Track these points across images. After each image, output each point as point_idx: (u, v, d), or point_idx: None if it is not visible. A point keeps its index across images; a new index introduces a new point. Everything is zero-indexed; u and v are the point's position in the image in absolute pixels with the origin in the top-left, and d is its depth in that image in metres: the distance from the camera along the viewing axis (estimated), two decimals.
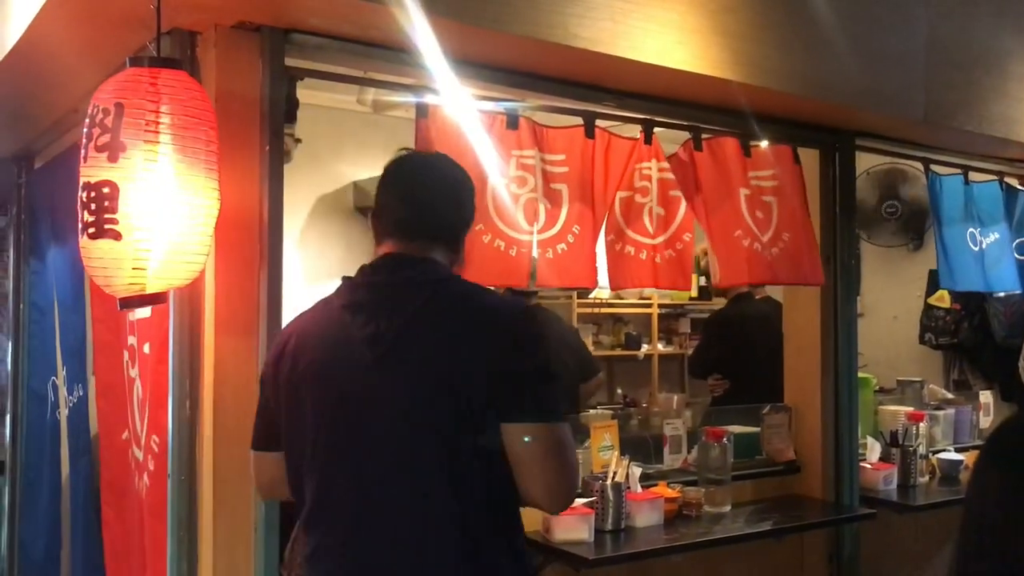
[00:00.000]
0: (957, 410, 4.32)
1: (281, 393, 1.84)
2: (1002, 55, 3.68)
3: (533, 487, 1.71)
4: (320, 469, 1.78)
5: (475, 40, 2.47)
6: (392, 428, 1.72)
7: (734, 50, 2.84)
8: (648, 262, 3.07)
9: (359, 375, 1.73)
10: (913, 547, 3.79)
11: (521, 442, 1.68)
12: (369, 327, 1.74)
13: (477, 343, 1.71)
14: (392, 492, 1.72)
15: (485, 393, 1.67)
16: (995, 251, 3.95)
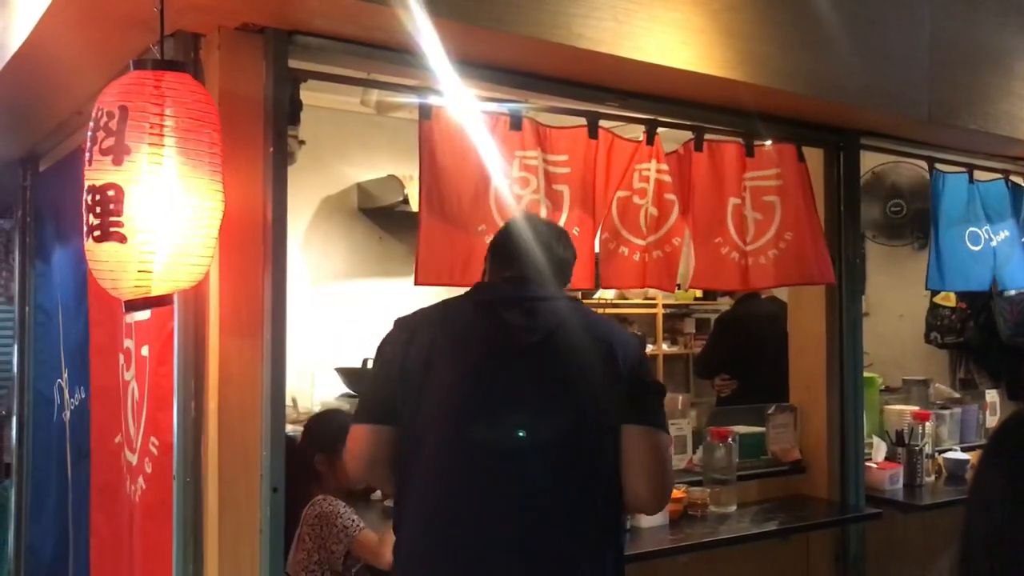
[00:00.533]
0: (963, 409, 4.31)
1: (409, 372, 2.02)
2: (1006, 53, 3.67)
3: (641, 485, 2.00)
4: (447, 446, 2.00)
5: (478, 41, 2.47)
6: (534, 419, 1.98)
7: (738, 50, 2.83)
8: (638, 263, 3.08)
9: (505, 361, 2.03)
10: (919, 547, 3.78)
11: (637, 444, 2.00)
12: (519, 320, 2.04)
13: (610, 359, 2.03)
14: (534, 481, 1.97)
15: (612, 401, 2.01)
16: (1005, 249, 3.93)
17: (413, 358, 2.03)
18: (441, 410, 2.00)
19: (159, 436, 2.47)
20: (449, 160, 2.69)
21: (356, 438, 2.08)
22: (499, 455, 1.97)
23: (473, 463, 1.98)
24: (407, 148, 2.96)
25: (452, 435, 2.00)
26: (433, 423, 2.00)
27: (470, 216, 2.72)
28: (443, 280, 2.68)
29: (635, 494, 2.02)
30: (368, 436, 2.07)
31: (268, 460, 2.31)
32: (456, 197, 2.70)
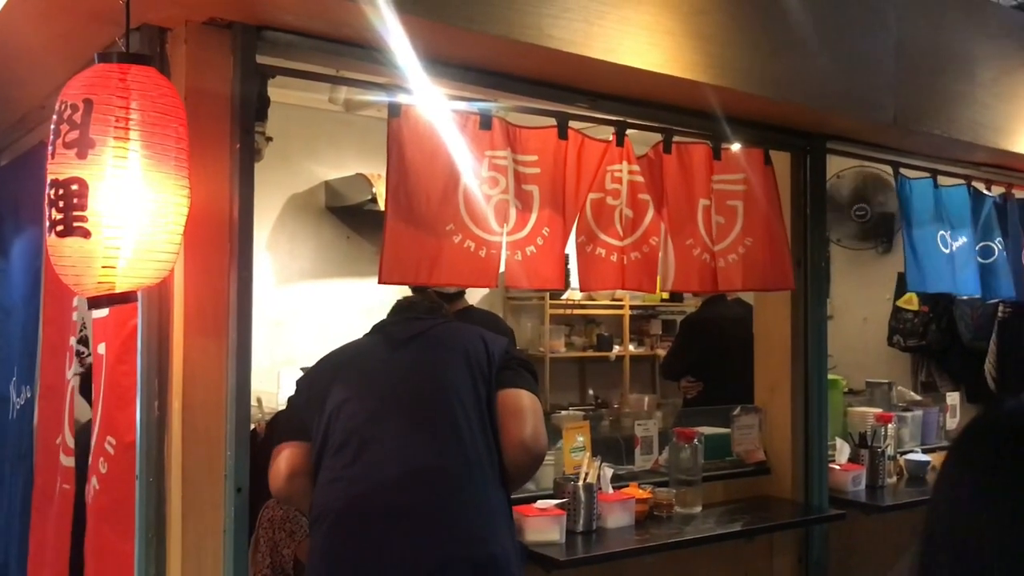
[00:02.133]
0: (924, 412, 4.37)
1: (316, 391, 2.44)
2: (970, 61, 3.72)
3: (515, 430, 2.34)
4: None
5: (448, 39, 2.46)
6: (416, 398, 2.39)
7: (707, 52, 2.84)
8: (617, 264, 3.08)
9: (386, 356, 2.47)
10: (881, 547, 3.82)
11: (510, 400, 2.38)
12: (397, 328, 2.56)
13: (482, 348, 2.47)
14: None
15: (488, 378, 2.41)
16: (962, 255, 3.99)
17: (318, 381, 2.44)
18: (344, 409, 2.34)
19: (117, 436, 2.43)
20: (418, 159, 2.67)
21: (277, 456, 2.39)
22: (394, 427, 2.32)
23: (373, 437, 2.30)
24: (376, 146, 2.94)
25: (348, 426, 2.32)
26: (337, 422, 2.33)
27: (438, 215, 2.70)
28: (408, 279, 2.68)
29: (507, 445, 2.33)
30: (288, 451, 2.38)
31: (233, 460, 2.28)
32: (424, 196, 2.68)
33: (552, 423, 3.55)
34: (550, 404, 6.23)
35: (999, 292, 4.15)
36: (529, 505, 2.88)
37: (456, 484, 2.26)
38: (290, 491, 2.40)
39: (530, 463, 2.41)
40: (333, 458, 2.30)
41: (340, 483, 2.28)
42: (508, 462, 2.35)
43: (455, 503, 2.25)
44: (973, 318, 4.95)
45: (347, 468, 2.28)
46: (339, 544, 2.25)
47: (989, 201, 4.13)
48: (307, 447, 2.37)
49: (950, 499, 0.96)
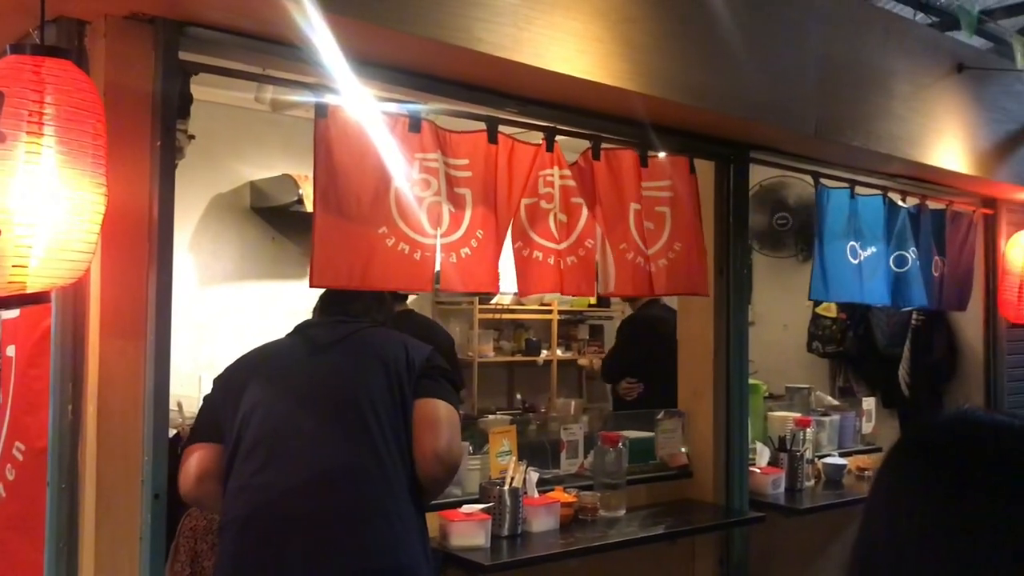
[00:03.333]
0: (842, 416, 4.49)
1: (231, 392, 2.36)
2: (887, 74, 3.83)
3: (428, 441, 2.28)
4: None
5: (377, 40, 2.44)
6: (334, 403, 2.33)
7: (634, 61, 2.87)
8: (554, 267, 3.09)
9: (304, 360, 2.41)
10: (799, 549, 3.91)
11: (425, 410, 2.32)
12: (318, 332, 2.47)
13: (404, 356, 2.41)
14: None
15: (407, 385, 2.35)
16: (872, 264, 4.09)
17: (234, 382, 2.36)
18: (259, 404, 2.29)
19: (27, 441, 2.35)
20: (346, 160, 2.63)
21: (187, 458, 2.32)
22: (306, 433, 2.27)
23: (283, 442, 2.25)
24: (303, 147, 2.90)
25: (259, 432, 2.26)
26: (249, 426, 2.27)
27: (369, 218, 2.67)
28: (340, 282, 2.63)
29: (421, 455, 2.29)
30: (200, 452, 2.31)
31: (150, 465, 2.22)
32: (355, 198, 2.65)
33: (479, 428, 3.55)
34: (478, 408, 6.23)
35: (912, 301, 4.28)
36: (455, 510, 2.87)
37: (365, 493, 2.22)
38: (199, 494, 2.33)
39: (443, 475, 2.34)
40: (243, 463, 2.25)
41: (248, 490, 2.22)
42: (421, 473, 2.31)
43: (363, 512, 2.20)
44: (888, 325, 5.10)
45: (256, 475, 2.22)
46: (245, 552, 2.20)
47: (904, 212, 4.26)
48: (219, 449, 2.31)
49: (884, 508, 0.96)
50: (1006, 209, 4.91)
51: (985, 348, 4.90)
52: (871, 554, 0.94)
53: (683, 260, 3.38)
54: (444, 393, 2.39)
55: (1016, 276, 4.78)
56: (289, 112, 4.80)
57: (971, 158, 4.24)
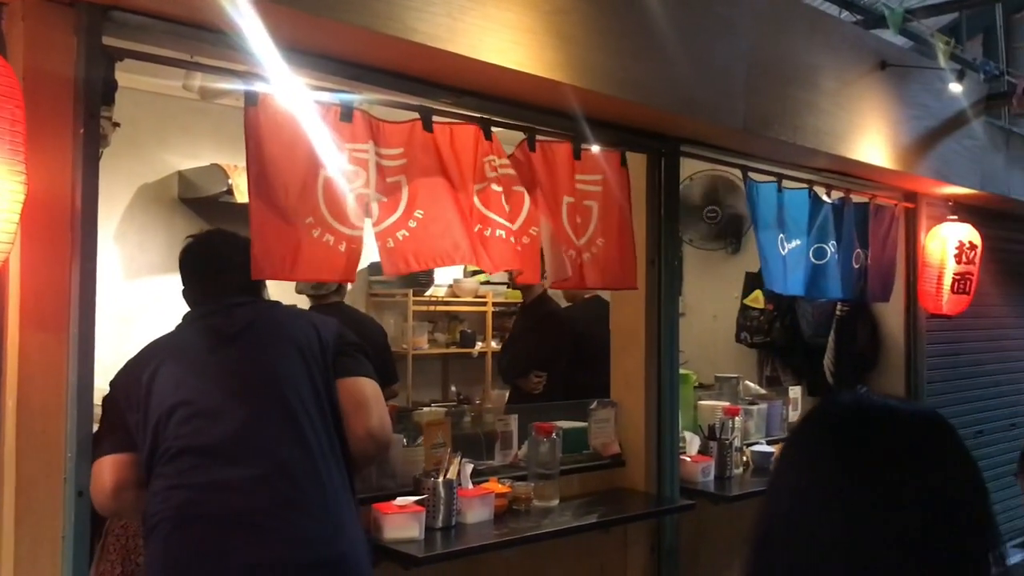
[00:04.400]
0: (769, 405, 4.58)
1: (135, 398, 2.26)
2: (813, 70, 3.92)
3: (359, 422, 2.29)
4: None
5: (308, 28, 2.41)
6: (249, 399, 2.25)
7: (568, 53, 2.88)
8: (514, 246, 3.11)
9: (211, 356, 2.29)
10: (729, 535, 3.98)
11: (350, 390, 2.31)
12: (219, 322, 2.34)
13: (314, 335, 2.37)
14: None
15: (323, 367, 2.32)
16: (795, 257, 4.19)
17: (136, 385, 2.25)
18: (177, 413, 2.19)
19: None
20: (276, 149, 2.60)
21: (99, 471, 2.20)
22: (231, 430, 2.19)
23: (210, 443, 2.18)
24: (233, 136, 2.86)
25: (182, 432, 2.18)
26: (167, 429, 2.18)
27: (297, 208, 2.63)
28: (276, 274, 2.60)
29: (353, 435, 2.29)
30: (109, 465, 2.20)
31: (74, 462, 2.17)
32: (283, 188, 2.62)
33: (413, 420, 3.53)
34: (412, 401, 6.20)
35: (828, 292, 4.40)
36: (388, 503, 2.86)
37: (300, 484, 2.18)
38: (118, 506, 2.25)
39: (377, 451, 2.39)
40: (168, 466, 2.17)
41: (178, 490, 2.15)
42: (355, 452, 2.31)
43: (300, 504, 2.17)
44: (813, 316, 5.21)
45: (184, 475, 2.16)
46: (179, 552, 2.14)
47: (827, 205, 4.36)
48: (133, 458, 2.21)
49: (787, 484, 1.03)
50: (926, 203, 5.06)
51: (906, 338, 5.05)
52: (772, 525, 1.02)
53: (607, 254, 3.41)
54: (365, 369, 2.37)
55: (935, 268, 4.94)
56: (219, 100, 4.71)
57: (893, 153, 4.36)
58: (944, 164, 4.72)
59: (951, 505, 0.97)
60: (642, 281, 3.65)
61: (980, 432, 5.38)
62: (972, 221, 5.07)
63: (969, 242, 4.97)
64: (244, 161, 2.59)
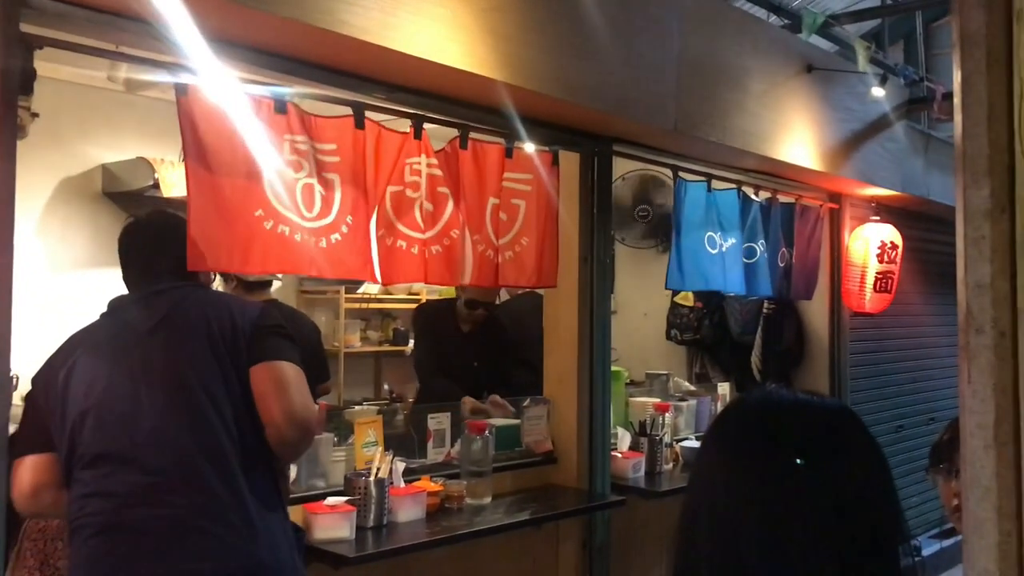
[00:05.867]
0: (698, 401, 4.64)
1: (53, 396, 2.17)
2: (742, 72, 3.98)
3: (273, 409, 2.16)
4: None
5: (237, 19, 2.37)
6: (168, 392, 2.15)
7: (501, 51, 2.88)
8: (419, 257, 3.07)
9: (128, 350, 2.18)
10: (659, 530, 4.03)
11: (262, 375, 2.18)
12: (134, 313, 2.23)
13: (231, 322, 2.24)
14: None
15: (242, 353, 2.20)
16: (732, 255, 4.28)
17: (54, 383, 2.17)
18: (90, 416, 2.13)
19: None
20: (214, 141, 2.56)
21: (17, 472, 2.15)
22: (143, 435, 2.11)
23: (124, 449, 2.11)
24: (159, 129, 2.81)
25: (96, 437, 2.12)
26: (83, 433, 2.12)
27: (244, 200, 2.60)
28: (221, 265, 2.57)
29: (271, 422, 2.17)
30: (29, 466, 2.15)
31: None
32: (227, 180, 2.58)
33: (345, 418, 3.50)
34: (344, 399, 6.14)
35: (758, 291, 4.50)
36: (318, 503, 2.82)
37: (217, 488, 2.10)
38: (38, 507, 2.19)
39: (298, 437, 2.23)
40: (84, 471, 2.11)
41: (94, 498, 2.09)
42: (275, 440, 2.18)
43: (217, 509, 2.09)
44: (741, 314, 5.31)
45: (99, 482, 2.09)
46: (100, 557, 2.08)
47: (756, 205, 4.44)
48: (52, 458, 2.15)
49: (706, 476, 1.07)
50: (849, 204, 5.20)
51: (830, 335, 5.18)
52: (694, 520, 1.04)
53: (531, 252, 3.42)
54: (283, 352, 2.23)
55: (858, 267, 5.07)
56: (145, 92, 4.59)
57: (818, 154, 4.46)
58: (867, 166, 4.85)
59: (863, 489, 1.01)
60: (574, 279, 3.67)
61: (900, 426, 5.55)
62: (893, 221, 5.22)
63: (891, 242, 5.12)
64: (171, 155, 2.54)
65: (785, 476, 1.00)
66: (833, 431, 1.04)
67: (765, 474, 1.01)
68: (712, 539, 1.01)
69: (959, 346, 1.03)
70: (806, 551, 0.96)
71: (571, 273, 3.69)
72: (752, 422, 1.08)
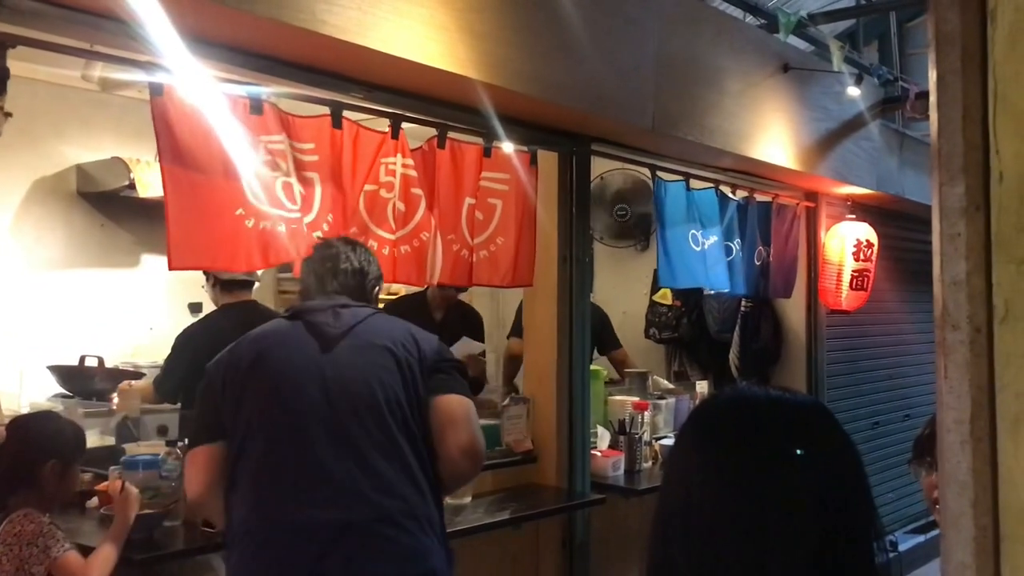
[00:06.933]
0: (677, 399, 4.64)
1: (231, 384, 2.17)
2: (719, 72, 4.00)
3: (454, 439, 2.20)
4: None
5: (213, 17, 2.36)
6: (348, 398, 2.16)
7: (481, 50, 2.88)
8: (388, 257, 3.08)
9: (315, 352, 2.19)
10: (637, 528, 4.04)
11: (446, 407, 2.22)
12: (324, 319, 2.24)
13: (413, 347, 2.27)
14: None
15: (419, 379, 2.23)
16: (714, 252, 4.30)
17: (234, 375, 2.19)
18: (267, 403, 2.15)
19: None
20: (190, 140, 2.55)
21: (194, 460, 2.18)
22: (321, 432, 2.12)
23: (306, 456, 2.12)
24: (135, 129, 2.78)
25: (280, 421, 2.14)
26: (259, 433, 2.14)
27: (224, 200, 2.59)
28: (203, 264, 2.57)
29: (447, 456, 2.21)
30: (205, 455, 2.17)
31: None
32: (205, 179, 2.57)
33: None
34: None
35: (734, 289, 4.53)
36: None
37: (394, 500, 2.13)
38: (208, 501, 2.20)
39: (470, 470, 2.31)
40: (255, 475, 2.12)
41: (266, 504, 2.11)
42: (446, 470, 2.24)
43: (396, 519, 2.13)
44: (719, 312, 5.33)
45: (272, 487, 2.11)
46: (266, 568, 2.09)
47: (733, 204, 4.47)
48: (225, 450, 2.17)
49: (681, 475, 1.06)
50: (825, 202, 5.23)
51: (807, 333, 5.22)
52: (669, 517, 1.04)
53: (505, 253, 3.43)
54: (459, 387, 2.29)
55: (834, 266, 5.11)
56: (120, 92, 4.53)
57: (795, 153, 4.48)
58: (843, 165, 4.88)
59: (838, 484, 1.01)
60: (553, 278, 3.67)
61: (877, 423, 5.59)
62: (869, 220, 5.26)
63: (866, 240, 5.16)
64: (147, 155, 2.53)
65: (759, 472, 1.00)
66: (806, 427, 1.05)
67: (739, 470, 1.01)
68: (687, 537, 1.01)
69: (935, 342, 1.04)
70: (782, 547, 0.97)
71: (550, 272, 3.69)
72: (725, 419, 1.08)
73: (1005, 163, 0.98)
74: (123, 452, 3.07)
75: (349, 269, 2.37)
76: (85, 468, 2.87)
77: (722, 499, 1.00)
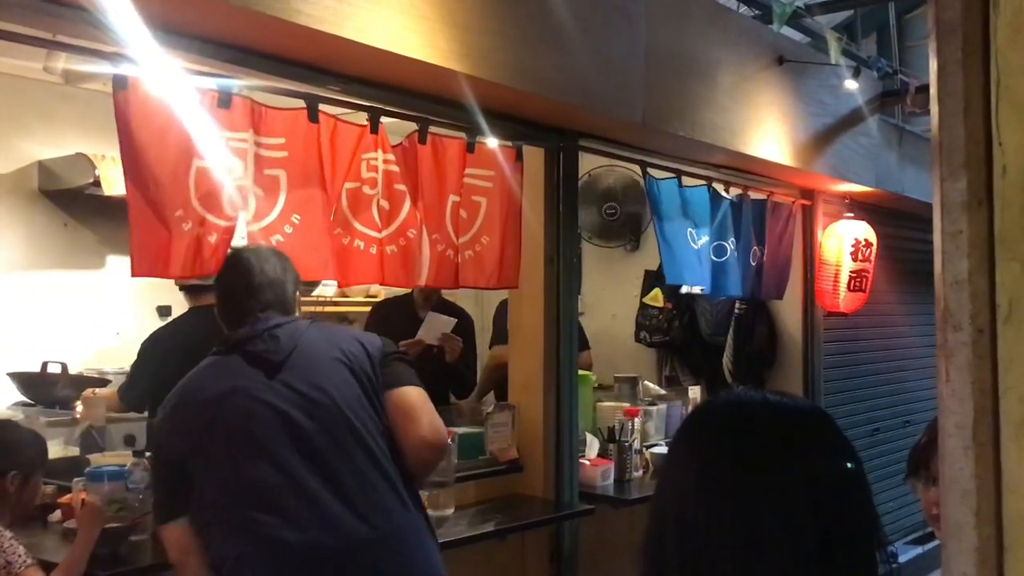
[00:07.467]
0: (668, 406, 4.56)
1: (183, 444, 2.13)
2: (711, 65, 3.90)
3: (417, 428, 2.20)
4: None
5: (182, 6, 2.28)
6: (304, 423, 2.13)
7: (462, 42, 2.80)
8: (376, 257, 3.01)
9: (261, 384, 2.14)
10: (629, 539, 3.92)
11: (402, 400, 2.23)
12: (262, 347, 2.18)
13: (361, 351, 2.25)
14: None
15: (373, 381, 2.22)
16: (705, 251, 4.22)
17: (193, 425, 2.15)
18: (224, 447, 2.12)
19: None
20: (147, 137, 2.47)
21: (173, 539, 2.16)
22: (303, 467, 2.10)
23: (262, 492, 2.09)
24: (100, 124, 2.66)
25: (238, 465, 2.11)
26: (221, 459, 2.11)
27: (168, 201, 2.51)
28: (156, 271, 2.50)
29: (410, 448, 2.21)
30: (182, 532, 2.14)
31: None
32: (154, 179, 2.50)
33: None
34: None
35: (727, 290, 4.44)
36: None
37: (381, 513, 2.15)
38: (189, 568, 2.17)
39: (434, 457, 2.31)
40: (233, 508, 2.10)
41: (248, 531, 2.09)
42: (413, 463, 2.24)
43: (389, 532, 2.16)
44: (712, 314, 5.23)
45: (258, 515, 2.08)
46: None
47: (726, 202, 4.37)
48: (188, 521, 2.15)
49: (676, 482, 1.05)
50: (822, 200, 5.14)
51: (804, 335, 5.12)
52: (664, 524, 1.03)
53: (490, 253, 3.35)
54: (408, 377, 2.29)
55: (831, 266, 5.01)
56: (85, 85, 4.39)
57: (790, 150, 4.39)
58: (840, 161, 4.80)
59: (839, 487, 1.01)
60: (539, 280, 3.58)
61: (876, 430, 5.50)
62: (867, 218, 5.18)
63: (865, 240, 5.07)
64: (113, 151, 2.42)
65: (756, 479, 0.99)
66: (806, 428, 1.05)
67: (736, 477, 1.00)
68: (683, 545, 1.00)
69: (937, 344, 1.00)
70: (779, 553, 0.96)
71: (536, 273, 3.59)
72: (721, 424, 1.07)
73: (1009, 156, 0.95)
74: (88, 463, 3.02)
75: (265, 282, 2.27)
76: (47, 480, 2.82)
77: (718, 507, 0.99)
